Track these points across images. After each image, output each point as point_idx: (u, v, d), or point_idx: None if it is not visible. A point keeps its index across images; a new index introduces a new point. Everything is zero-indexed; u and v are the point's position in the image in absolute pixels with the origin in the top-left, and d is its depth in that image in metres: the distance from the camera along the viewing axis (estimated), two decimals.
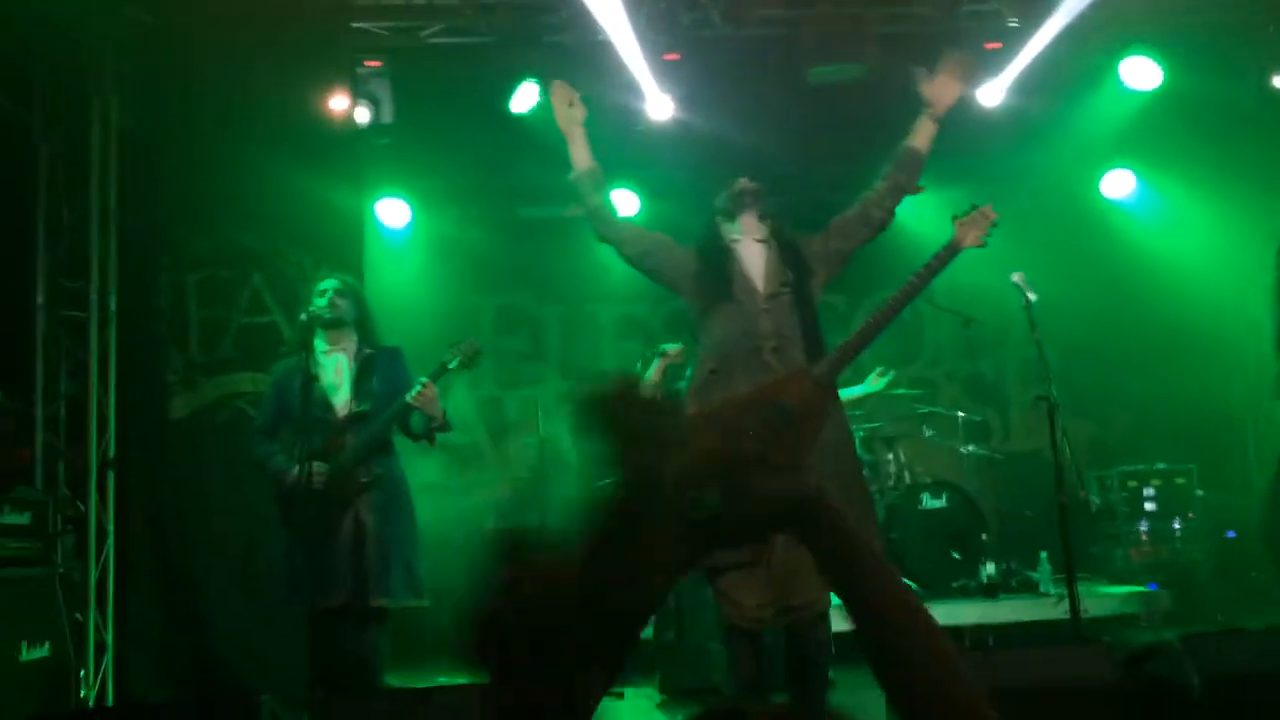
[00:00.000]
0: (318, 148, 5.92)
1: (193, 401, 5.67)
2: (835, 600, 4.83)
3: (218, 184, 5.85)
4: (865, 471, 6.09)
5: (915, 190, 3.89)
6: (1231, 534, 6.89)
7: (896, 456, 6.52)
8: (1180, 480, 6.81)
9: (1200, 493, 6.80)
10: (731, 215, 3.88)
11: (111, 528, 5.35)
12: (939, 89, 3.85)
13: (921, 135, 3.86)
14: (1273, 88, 6.64)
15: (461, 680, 5.61)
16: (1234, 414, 7.95)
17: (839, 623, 3.79)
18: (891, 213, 3.89)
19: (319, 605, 4.25)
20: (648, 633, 5.49)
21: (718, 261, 3.78)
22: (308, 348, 4.37)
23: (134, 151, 5.73)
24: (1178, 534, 6.70)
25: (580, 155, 3.96)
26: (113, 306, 5.54)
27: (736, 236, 3.86)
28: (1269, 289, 4.33)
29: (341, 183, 6.06)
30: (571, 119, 3.98)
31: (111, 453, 5.40)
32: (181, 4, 5.63)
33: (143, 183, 5.75)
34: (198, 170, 5.81)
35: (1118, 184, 7.92)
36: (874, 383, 6.34)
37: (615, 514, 1.07)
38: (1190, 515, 6.73)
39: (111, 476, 5.40)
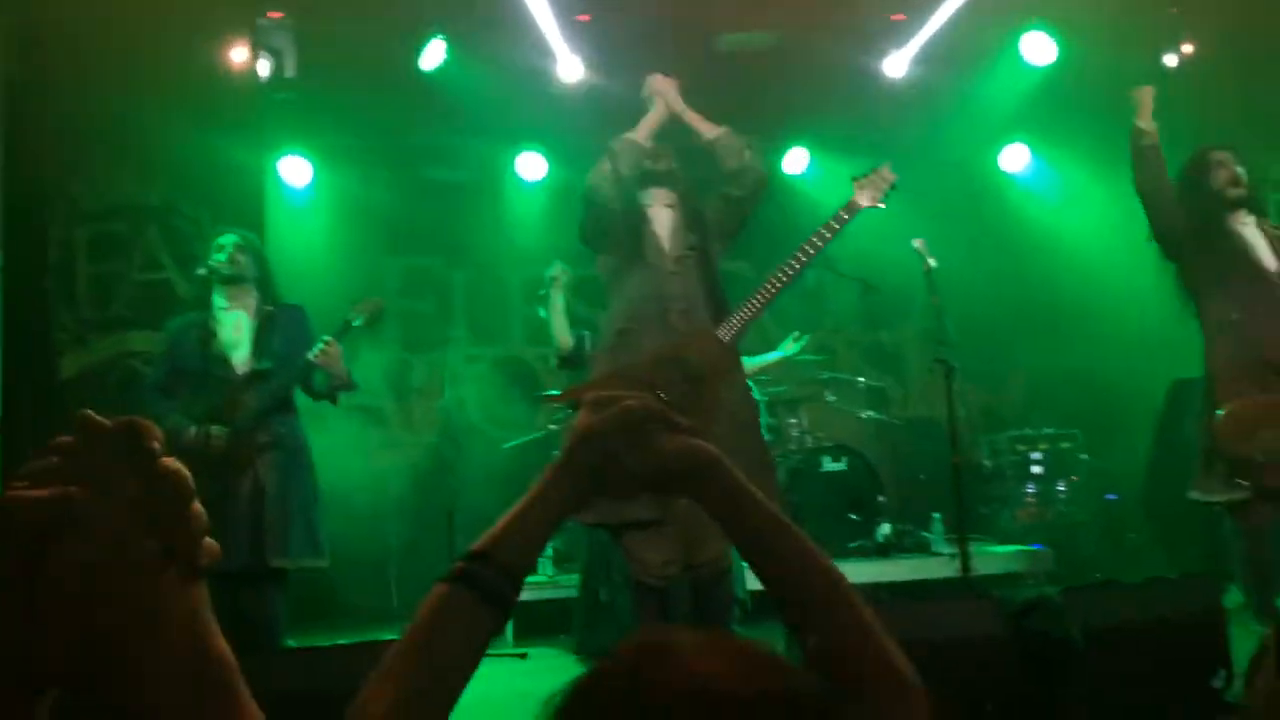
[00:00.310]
0: (216, 101, 5.76)
1: (83, 359, 5.49)
2: (745, 561, 4.93)
3: (111, 137, 5.65)
4: (768, 435, 6.21)
5: (749, 158, 3.99)
6: (1112, 496, 7.19)
7: (799, 420, 6.63)
8: (1066, 445, 7.07)
9: (1084, 457, 7.07)
10: (644, 185, 3.92)
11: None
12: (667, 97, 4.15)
13: (698, 128, 4.03)
14: (1164, 66, 6.86)
15: (364, 638, 5.59)
16: (1116, 382, 8.27)
17: (753, 581, 3.88)
18: (754, 186, 3.99)
19: (217, 567, 4.17)
20: (564, 593, 5.50)
21: (633, 223, 3.82)
22: (205, 304, 4.27)
23: (20, 101, 5.49)
24: (1062, 496, 6.96)
25: (651, 130, 4.12)
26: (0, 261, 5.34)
27: (649, 201, 3.90)
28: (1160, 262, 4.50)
29: (241, 138, 5.91)
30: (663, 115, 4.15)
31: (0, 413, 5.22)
32: None
33: (30, 134, 5.53)
34: (89, 122, 5.60)
35: (1014, 158, 8.12)
36: (789, 348, 6.42)
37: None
38: (1074, 478, 6.99)
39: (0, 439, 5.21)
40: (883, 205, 3.90)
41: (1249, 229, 4.29)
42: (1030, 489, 6.95)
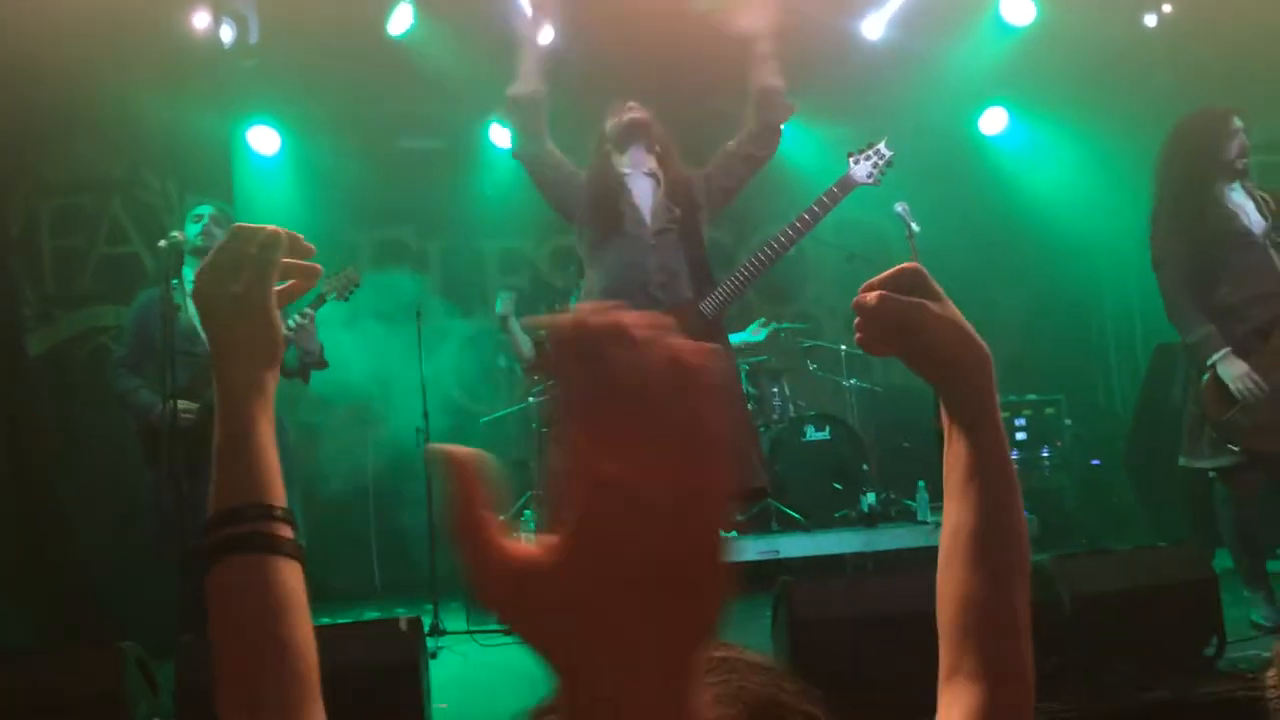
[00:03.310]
0: (179, 69, 5.59)
1: (51, 337, 5.34)
2: (728, 534, 4.87)
3: (72, 108, 5.48)
4: (751, 405, 6.15)
5: (786, 116, 3.87)
6: (1096, 462, 7.18)
7: (781, 390, 6.57)
8: (1049, 410, 7.04)
9: (1068, 422, 7.04)
10: (622, 147, 3.81)
11: None
12: (752, 20, 3.85)
13: (765, 71, 3.84)
14: (1144, 26, 6.80)
15: (335, 620, 5.51)
16: (1099, 347, 8.26)
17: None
18: (771, 149, 3.87)
19: (188, 545, 4.08)
20: None
21: (610, 194, 3.71)
22: (173, 276, 4.14)
23: None
24: (1046, 462, 6.94)
25: (532, 73, 3.85)
26: None
27: (627, 169, 3.79)
28: (1141, 225, 4.41)
29: (207, 107, 5.75)
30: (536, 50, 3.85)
31: None
32: None
33: None
34: (49, 94, 5.42)
35: (993, 121, 8.05)
36: (755, 333, 6.37)
37: None
38: (1058, 444, 6.97)
39: None
40: (878, 183, 3.80)
41: (1236, 192, 4.21)
42: (1015, 455, 6.91)
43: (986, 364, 1.03)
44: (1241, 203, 4.16)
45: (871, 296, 1.01)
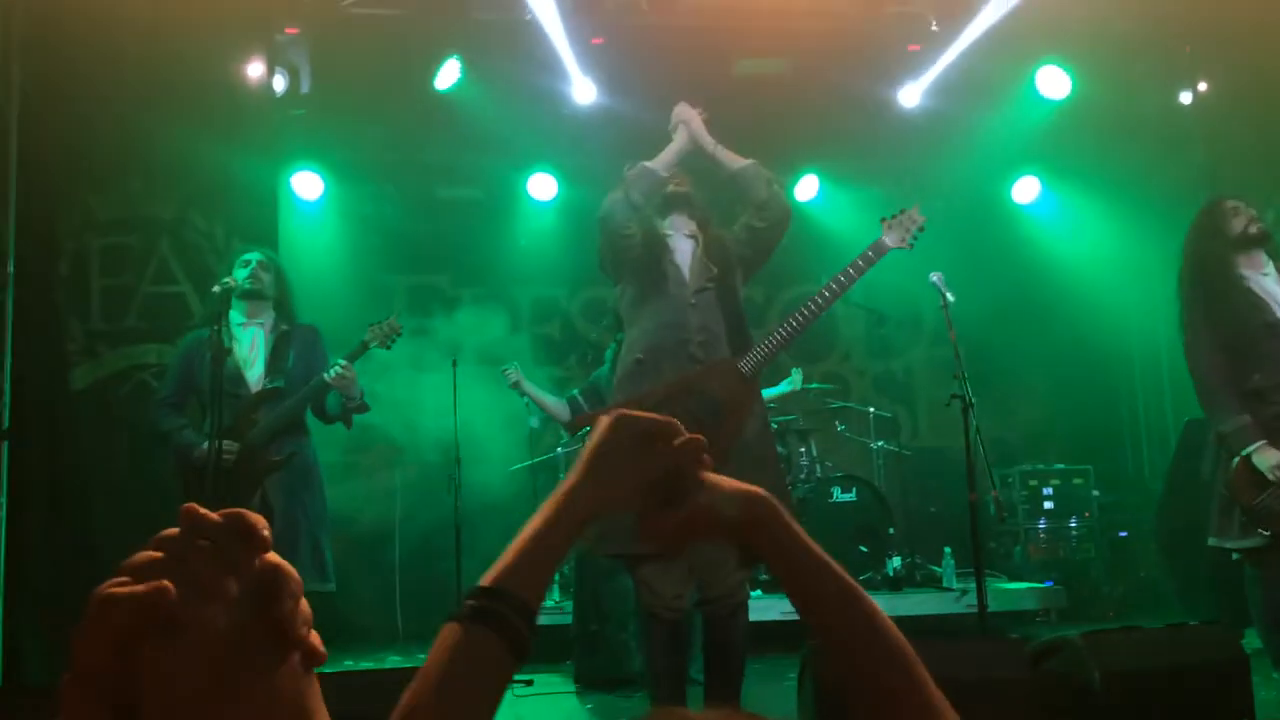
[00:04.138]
0: (232, 115, 5.72)
1: (94, 372, 5.43)
2: (754, 593, 4.86)
3: (125, 149, 5.61)
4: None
5: (774, 191, 3.93)
6: (1123, 534, 7.14)
7: (809, 450, 6.59)
8: (1078, 481, 7.02)
9: (1096, 493, 7.02)
10: (664, 213, 3.88)
11: (4, 501, 5.11)
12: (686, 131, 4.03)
13: (723, 161, 3.98)
14: (1179, 103, 6.86)
15: (366, 665, 5.53)
16: (1127, 417, 8.25)
17: (755, 614, 3.83)
18: (777, 219, 3.93)
19: None
20: (568, 619, 5.48)
21: (654, 254, 3.78)
22: (222, 319, 4.22)
23: (36, 112, 5.45)
24: (1074, 533, 6.92)
25: (671, 160, 4.01)
26: (10, 270, 5.28)
27: (669, 231, 3.87)
28: (1171, 298, 4.43)
29: (255, 153, 5.86)
30: (690, 128, 4.07)
31: (5, 423, 5.15)
32: None
33: (45, 145, 5.49)
34: (104, 134, 5.56)
35: (1026, 190, 8.11)
36: (796, 382, 6.44)
37: None
38: (1086, 514, 6.95)
39: (6, 448, 5.14)
40: (910, 247, 3.87)
41: (1268, 280, 4.22)
42: (1042, 524, 6.90)
43: (778, 515, 1.09)
44: (1274, 291, 4.18)
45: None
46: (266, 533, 0.68)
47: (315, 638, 0.70)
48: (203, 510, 0.67)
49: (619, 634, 5.16)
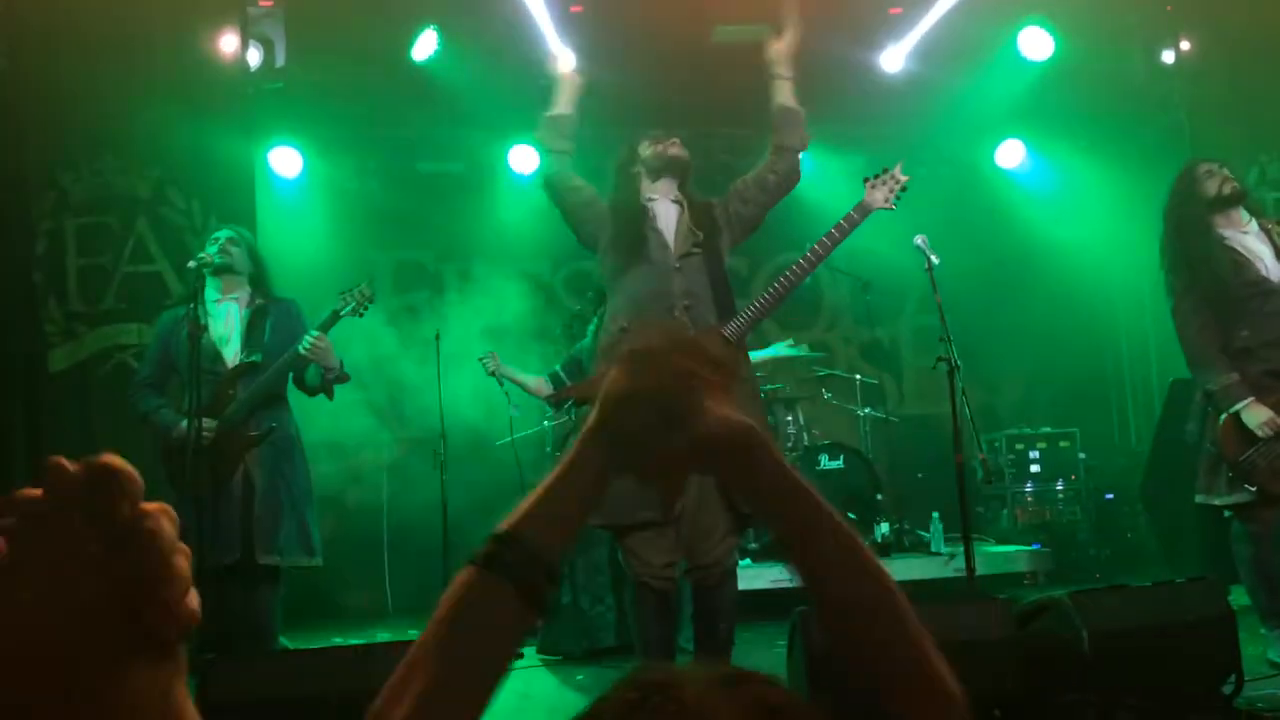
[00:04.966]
0: (207, 90, 5.66)
1: (74, 353, 5.39)
2: (743, 562, 4.84)
3: (99, 126, 5.55)
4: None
5: (801, 145, 3.90)
6: (1109, 495, 7.16)
7: (796, 418, 6.58)
8: (1064, 444, 7.03)
9: (1082, 456, 7.04)
10: (655, 176, 3.83)
11: None
12: (775, 43, 3.91)
13: (782, 91, 3.88)
14: (1162, 63, 6.83)
15: (355, 641, 5.52)
16: (1113, 379, 8.26)
17: (744, 582, 3.83)
18: (788, 174, 3.90)
19: (207, 564, 4.09)
20: None
21: (634, 220, 3.73)
22: (196, 298, 4.18)
23: (6, 91, 5.38)
24: (1060, 495, 6.93)
25: (566, 99, 3.89)
26: None
27: (654, 196, 3.82)
28: (1156, 263, 4.42)
29: (231, 128, 5.80)
30: (571, 80, 3.92)
31: None
32: None
33: (17, 125, 5.42)
34: (78, 113, 5.49)
35: (1010, 154, 8.08)
36: (787, 347, 6.41)
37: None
38: (1073, 477, 6.96)
39: None
40: (893, 207, 3.84)
41: (1249, 237, 4.21)
42: (1029, 488, 6.92)
43: (765, 443, 1.05)
44: (1257, 249, 4.16)
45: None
46: (133, 482, 0.60)
47: (193, 600, 0.62)
48: (62, 462, 0.60)
49: (593, 607, 5.14)
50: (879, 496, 6.27)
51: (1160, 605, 3.40)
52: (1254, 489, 3.97)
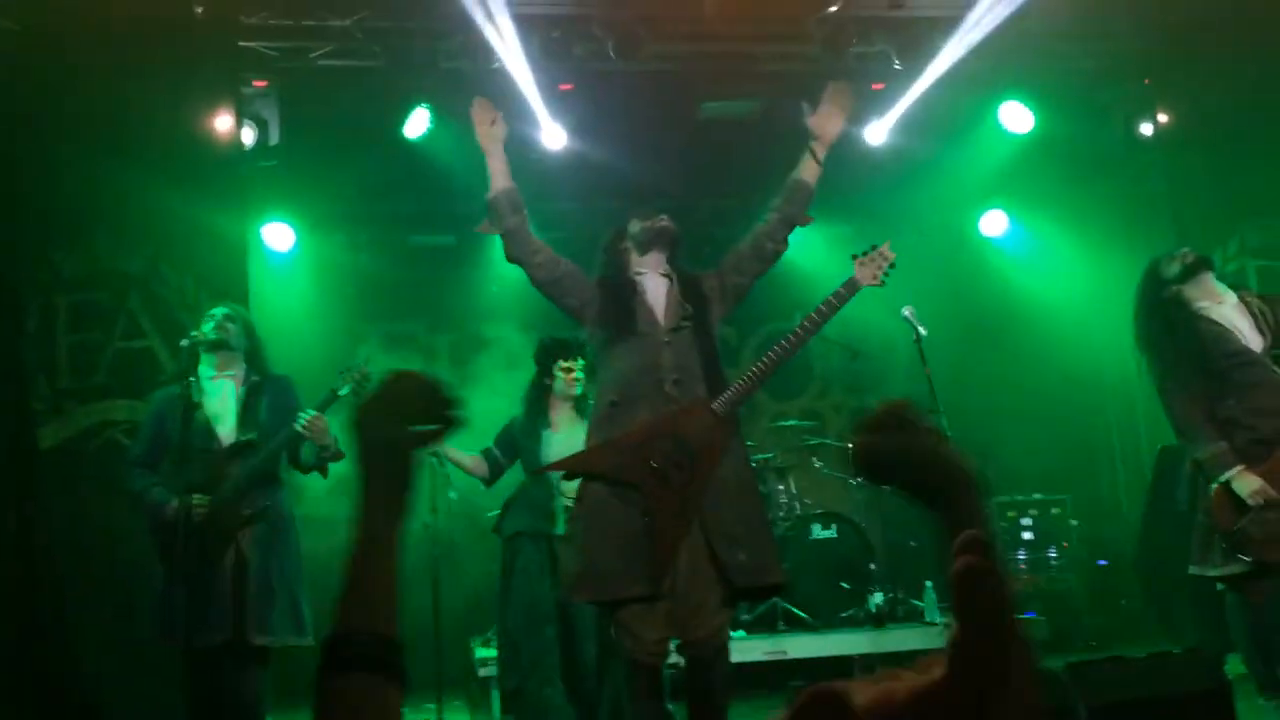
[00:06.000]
0: (200, 168, 5.71)
1: (62, 430, 5.37)
2: (736, 634, 4.80)
3: (93, 203, 5.59)
4: None
5: (804, 222, 3.94)
6: (1103, 562, 7.14)
7: (788, 487, 6.58)
8: (1056, 510, 7.03)
9: (1074, 522, 7.03)
10: (644, 250, 3.87)
11: None
12: (823, 121, 3.92)
13: (808, 168, 3.92)
14: (1139, 134, 6.97)
15: None
16: (1102, 444, 8.28)
17: (738, 655, 3.80)
18: (783, 244, 3.94)
19: (197, 643, 4.05)
20: (493, 670, 5.42)
21: (623, 294, 3.77)
22: (190, 374, 4.18)
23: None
24: (1054, 563, 6.91)
25: (499, 174, 3.88)
26: None
27: (643, 270, 3.85)
28: (1132, 325, 4.48)
29: (225, 205, 5.85)
30: (492, 137, 3.88)
31: None
32: (53, 11, 5.37)
33: (9, 200, 5.45)
34: (70, 188, 5.53)
35: (993, 223, 8.20)
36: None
37: None
38: (1065, 544, 6.95)
39: None
40: (882, 284, 3.89)
41: (1226, 308, 4.27)
42: (1021, 555, 6.90)
43: (974, 487, 1.09)
44: (1235, 320, 4.22)
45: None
46: None
47: None
48: None
49: (540, 689, 4.91)
50: (872, 566, 6.24)
51: (1157, 677, 3.38)
52: (1249, 559, 3.97)
